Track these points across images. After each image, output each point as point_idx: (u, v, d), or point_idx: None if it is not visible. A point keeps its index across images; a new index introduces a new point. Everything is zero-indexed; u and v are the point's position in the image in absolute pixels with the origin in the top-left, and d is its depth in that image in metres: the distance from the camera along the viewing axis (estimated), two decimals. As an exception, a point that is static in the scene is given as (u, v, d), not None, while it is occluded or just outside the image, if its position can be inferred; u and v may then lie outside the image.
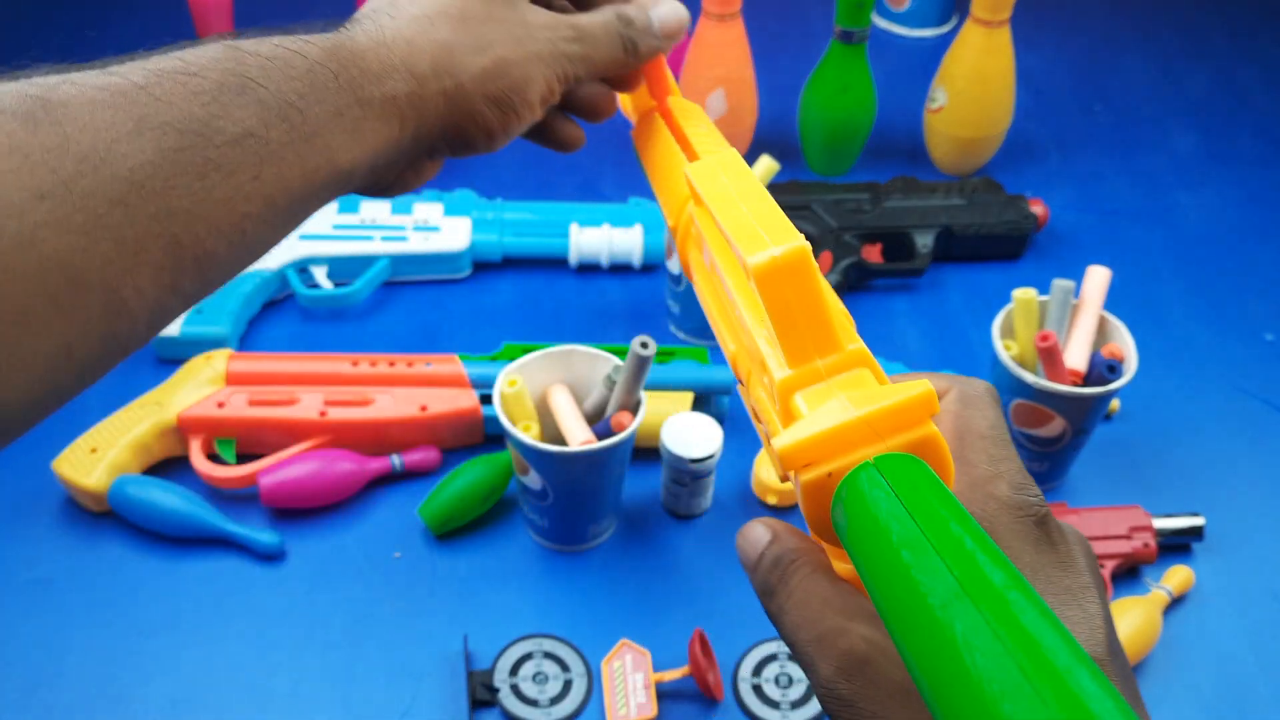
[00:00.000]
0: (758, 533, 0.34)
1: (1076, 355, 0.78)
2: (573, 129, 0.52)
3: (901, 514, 0.27)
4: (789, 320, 0.31)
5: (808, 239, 0.87)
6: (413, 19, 0.43)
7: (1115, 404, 0.87)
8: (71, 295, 0.31)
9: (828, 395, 0.30)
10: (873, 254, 0.97)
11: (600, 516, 0.76)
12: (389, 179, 0.45)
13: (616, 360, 0.74)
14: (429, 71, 0.42)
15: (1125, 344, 0.80)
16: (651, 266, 0.97)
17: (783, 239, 0.31)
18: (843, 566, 0.32)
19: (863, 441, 0.29)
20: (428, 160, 0.46)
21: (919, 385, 0.30)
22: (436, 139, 0.43)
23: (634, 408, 0.73)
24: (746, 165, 0.35)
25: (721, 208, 0.33)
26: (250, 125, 0.35)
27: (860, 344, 0.32)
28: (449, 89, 0.42)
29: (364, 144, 0.40)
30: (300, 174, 0.37)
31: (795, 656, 0.33)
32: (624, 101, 0.54)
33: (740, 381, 0.37)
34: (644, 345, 0.69)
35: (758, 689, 0.70)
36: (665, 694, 0.70)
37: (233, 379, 0.81)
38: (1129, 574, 0.77)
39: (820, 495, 0.30)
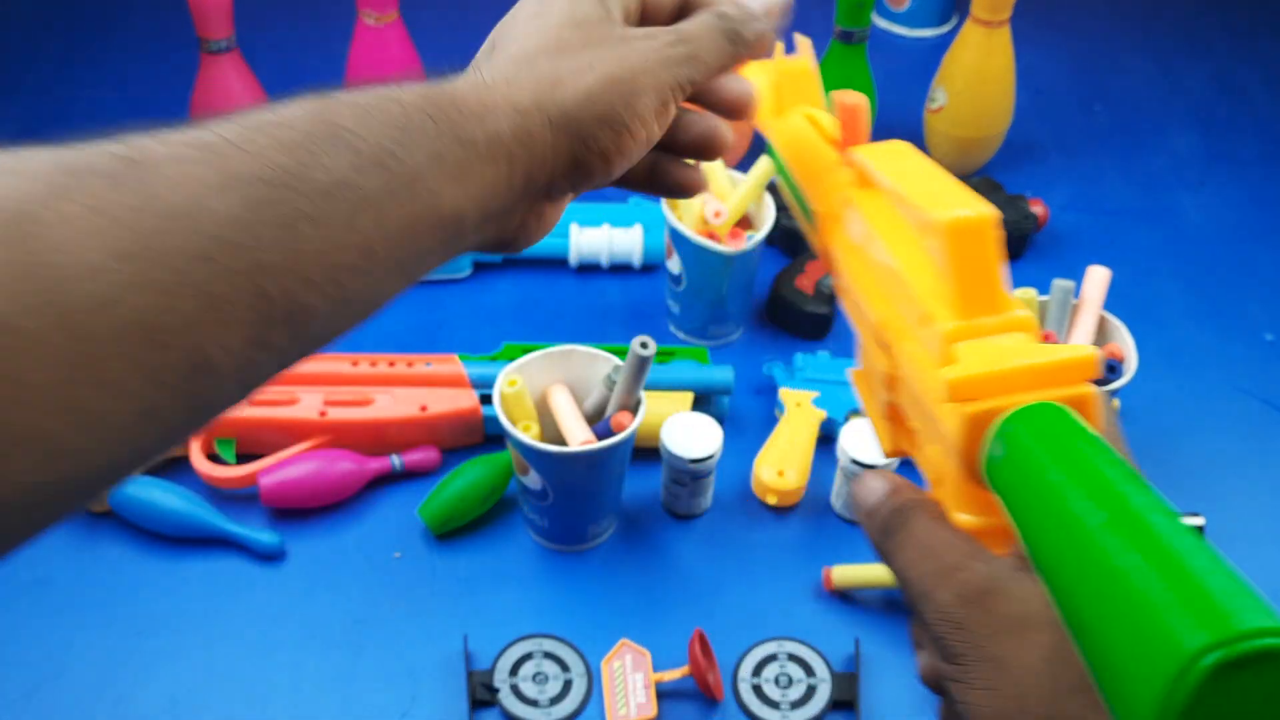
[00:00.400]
0: (876, 483, 0.39)
1: (1076, 355, 0.78)
2: (689, 172, 0.50)
3: (1064, 451, 0.29)
4: (968, 275, 0.34)
5: (806, 240, 0.88)
6: (511, 59, 0.41)
7: (1115, 404, 0.87)
8: (152, 356, 0.30)
9: (992, 348, 0.33)
10: (873, 254, 0.96)
11: (600, 516, 0.77)
12: (510, 227, 0.43)
13: (616, 360, 0.74)
14: (532, 104, 0.40)
15: (1125, 344, 0.80)
16: (651, 267, 0.97)
17: (974, 205, 0.34)
18: (962, 519, 0.35)
19: (1028, 387, 0.32)
20: (547, 202, 0.43)
21: (1085, 349, 0.33)
22: (552, 175, 0.41)
23: (634, 408, 0.73)
24: (921, 152, 0.39)
25: (903, 182, 0.36)
26: (343, 174, 0.34)
27: (1028, 313, 0.35)
28: (555, 118, 0.40)
29: (470, 188, 0.38)
30: (401, 222, 0.36)
31: (907, 590, 0.36)
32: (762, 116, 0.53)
33: (881, 345, 0.39)
34: (644, 345, 0.69)
35: (757, 689, 0.70)
36: (665, 694, 0.70)
37: (233, 379, 0.81)
38: (1129, 574, 0.77)
39: (978, 429, 0.32)
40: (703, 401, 0.84)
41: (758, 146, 1.02)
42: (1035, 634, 0.33)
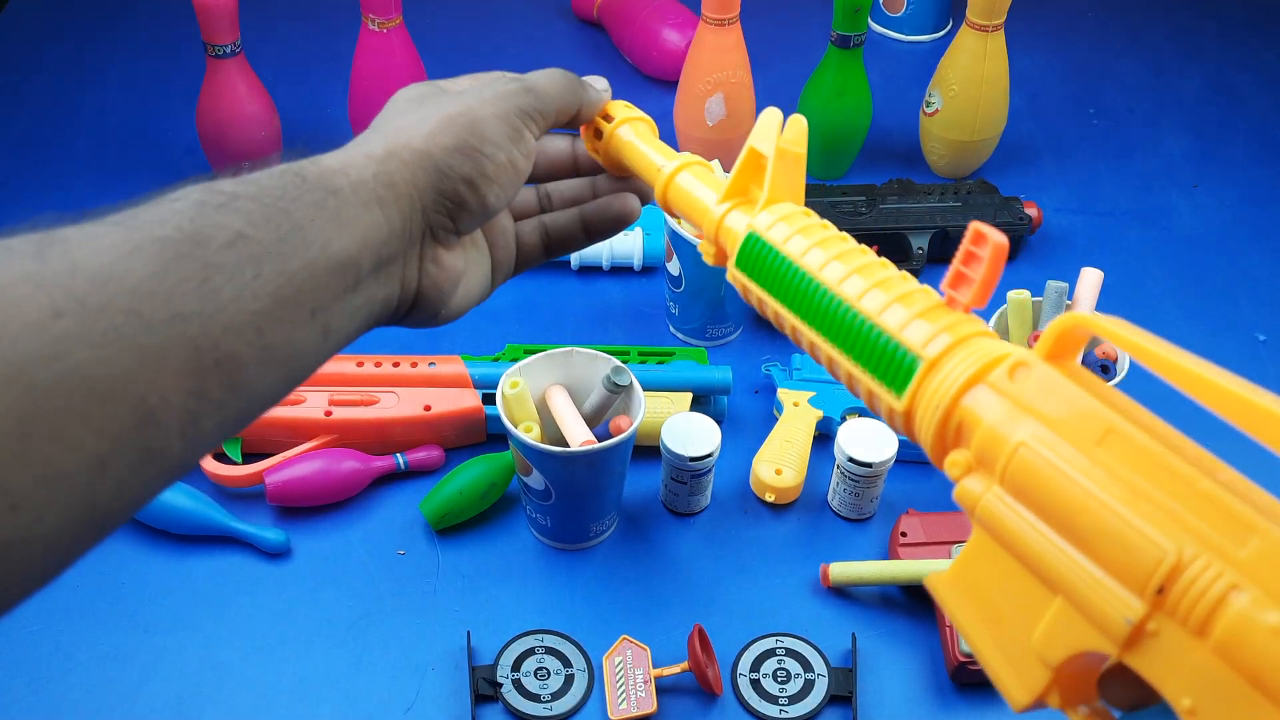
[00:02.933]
0: None
1: (1070, 355, 0.79)
2: (617, 201, 0.57)
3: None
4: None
5: None
6: (361, 135, 0.46)
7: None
8: (98, 407, 0.32)
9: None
10: (869, 256, 0.97)
11: (601, 515, 0.78)
12: (411, 278, 0.46)
13: (616, 361, 0.75)
14: (384, 152, 0.44)
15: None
16: (651, 268, 0.98)
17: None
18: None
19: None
20: (440, 248, 0.47)
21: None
22: (427, 212, 0.45)
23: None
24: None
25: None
26: (239, 228, 0.37)
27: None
28: (408, 158, 0.44)
29: (352, 231, 0.41)
30: (301, 269, 0.39)
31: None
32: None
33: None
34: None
35: (756, 683, 0.71)
36: (665, 689, 0.71)
37: (239, 379, 0.82)
38: (1122, 570, 0.78)
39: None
40: (702, 401, 0.85)
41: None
42: None
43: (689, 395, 0.83)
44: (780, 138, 0.47)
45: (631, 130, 0.55)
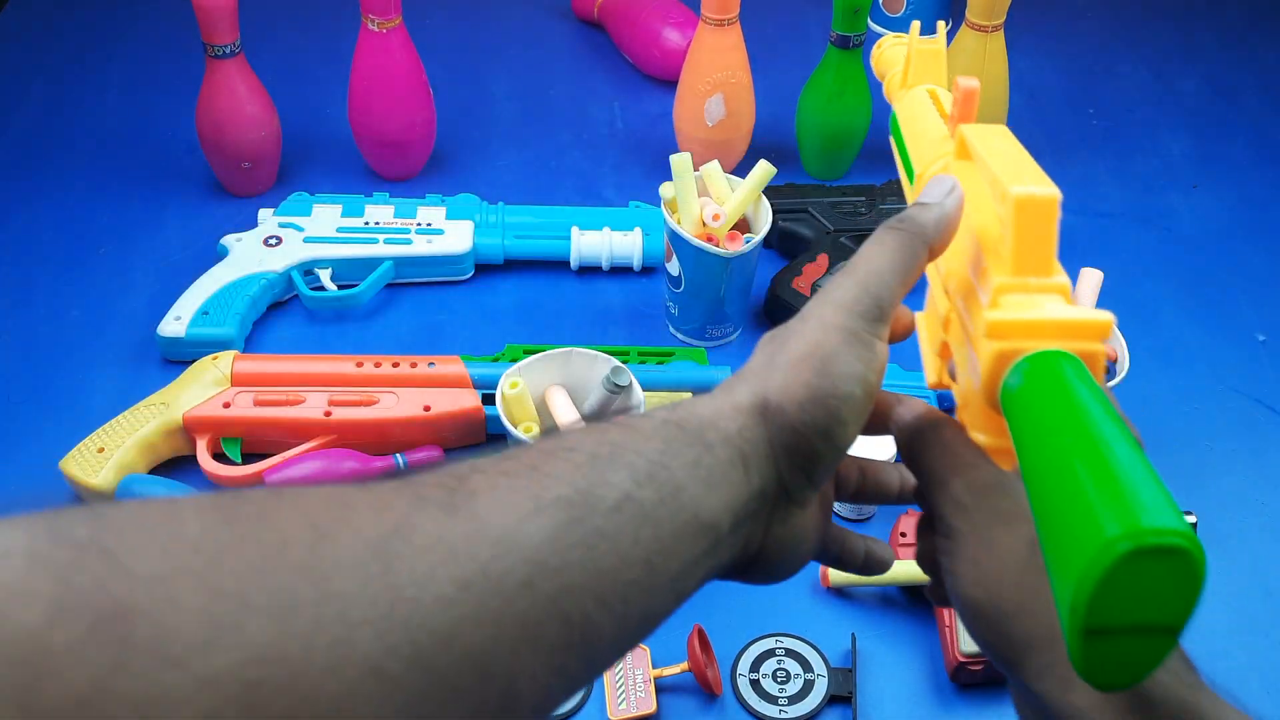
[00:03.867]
0: (915, 403, 0.46)
1: (1069, 355, 0.79)
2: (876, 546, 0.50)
3: (1063, 388, 0.37)
4: (1026, 241, 0.41)
5: (804, 241, 0.95)
6: (734, 376, 0.43)
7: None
8: (477, 689, 0.30)
9: (1030, 301, 0.41)
10: (869, 256, 0.98)
11: (601, 515, 0.77)
12: (756, 536, 0.42)
13: (616, 361, 0.75)
14: (748, 403, 0.41)
15: (1118, 344, 0.81)
16: (651, 269, 0.98)
17: (1043, 185, 0.41)
18: (978, 437, 0.43)
19: (1050, 336, 0.40)
20: (792, 505, 0.42)
21: (1102, 314, 0.40)
22: (782, 470, 0.41)
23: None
24: (1015, 138, 0.46)
25: (993, 157, 0.43)
26: (626, 488, 0.36)
27: (1066, 278, 0.42)
28: (766, 414, 0.40)
29: (722, 494, 0.38)
30: (672, 533, 0.36)
31: (926, 482, 0.44)
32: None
33: (945, 290, 0.47)
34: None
35: (755, 684, 0.71)
36: (664, 689, 0.71)
37: (239, 379, 0.82)
38: (1121, 571, 0.78)
39: (1004, 362, 0.40)
40: (702, 401, 0.85)
41: (755, 152, 1.03)
42: (1021, 526, 0.41)
43: (689, 396, 0.83)
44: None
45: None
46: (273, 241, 0.94)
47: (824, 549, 0.48)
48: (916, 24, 0.63)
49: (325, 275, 0.93)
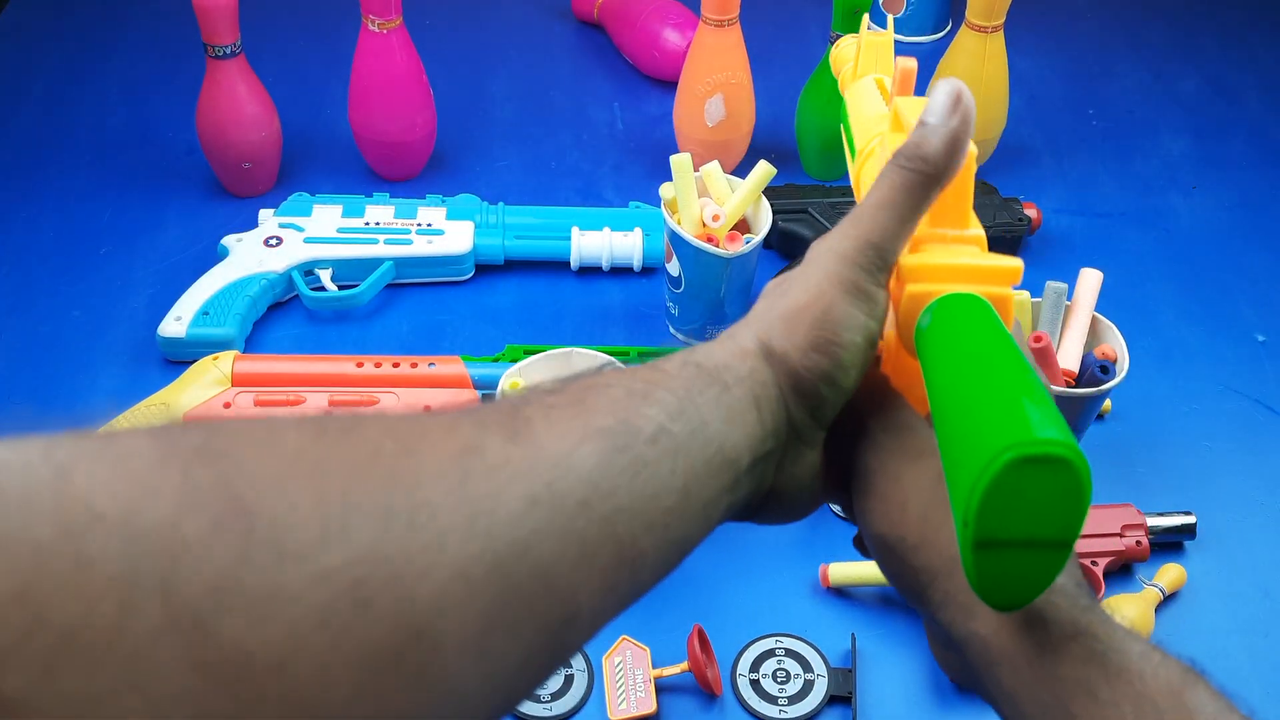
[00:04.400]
0: None
1: (1069, 356, 0.80)
2: None
3: (968, 327, 0.40)
4: (945, 196, 0.43)
5: (804, 242, 0.95)
6: (739, 323, 0.44)
7: (1107, 404, 0.88)
8: (544, 603, 0.32)
9: (946, 249, 0.44)
10: (869, 256, 0.98)
11: (601, 515, 0.78)
12: (769, 477, 0.43)
13: (616, 362, 0.75)
14: (754, 347, 0.42)
15: (1117, 345, 0.81)
16: (651, 269, 0.98)
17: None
18: (899, 385, 0.46)
19: (961, 279, 0.42)
20: (803, 445, 0.44)
21: (1012, 260, 0.42)
22: (791, 411, 0.42)
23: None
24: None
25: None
26: (661, 421, 0.37)
27: (981, 230, 0.45)
28: (771, 359, 0.42)
29: (740, 430, 0.40)
30: (702, 464, 0.38)
31: (850, 428, 0.45)
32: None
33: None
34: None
35: (755, 684, 0.71)
36: (664, 689, 0.71)
37: (239, 380, 0.82)
38: (1122, 572, 0.78)
39: (916, 304, 0.42)
40: (702, 402, 0.85)
41: (755, 152, 1.03)
42: (928, 460, 0.43)
43: (689, 396, 0.83)
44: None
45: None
46: (273, 242, 0.94)
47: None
48: (866, 17, 0.66)
49: (326, 275, 0.94)
